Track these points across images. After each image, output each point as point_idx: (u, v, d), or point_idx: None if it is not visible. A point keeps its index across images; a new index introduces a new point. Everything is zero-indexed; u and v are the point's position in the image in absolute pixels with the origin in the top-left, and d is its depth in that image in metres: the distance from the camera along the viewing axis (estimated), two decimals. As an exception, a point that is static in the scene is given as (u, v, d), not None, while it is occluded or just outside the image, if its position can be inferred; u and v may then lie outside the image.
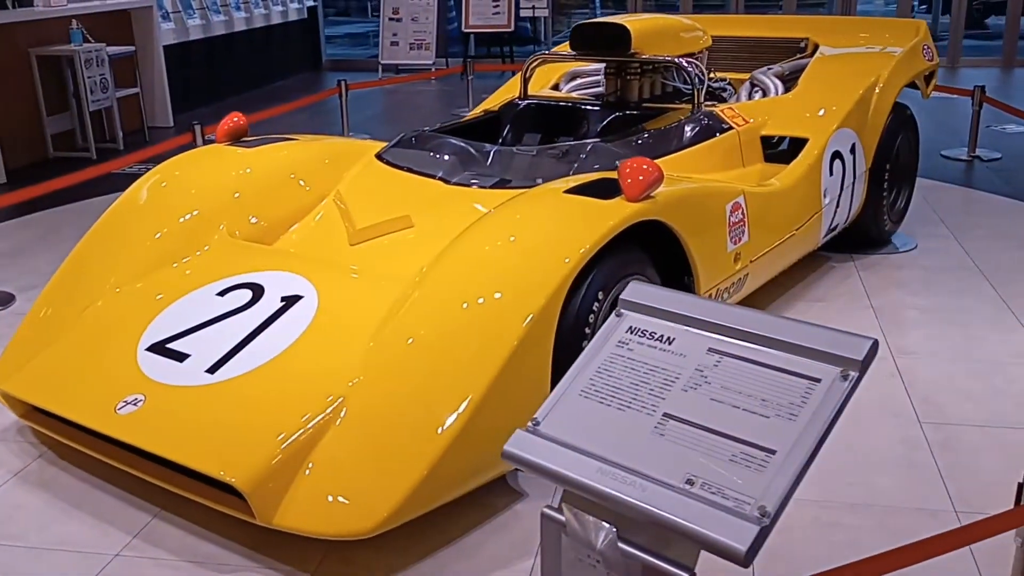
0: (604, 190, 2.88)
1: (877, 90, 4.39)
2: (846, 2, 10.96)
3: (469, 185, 3.44)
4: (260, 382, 2.58)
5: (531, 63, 4.53)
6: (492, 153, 3.61)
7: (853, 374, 1.69)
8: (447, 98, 10.08)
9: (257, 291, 2.95)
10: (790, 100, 4.36)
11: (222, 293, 2.98)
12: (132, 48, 8.01)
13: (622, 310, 2.00)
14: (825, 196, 4.04)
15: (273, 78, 11.44)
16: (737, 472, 1.63)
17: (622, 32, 4.10)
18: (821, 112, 4.20)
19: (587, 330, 2.66)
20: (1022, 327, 3.77)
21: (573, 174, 3.36)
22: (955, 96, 7.39)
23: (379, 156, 3.77)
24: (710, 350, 1.84)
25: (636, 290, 2.02)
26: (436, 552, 2.46)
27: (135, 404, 2.60)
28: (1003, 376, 3.38)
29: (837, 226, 4.25)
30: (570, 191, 2.92)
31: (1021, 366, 3.45)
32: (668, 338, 1.89)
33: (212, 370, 2.66)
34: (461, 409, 2.35)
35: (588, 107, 4.35)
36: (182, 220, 3.33)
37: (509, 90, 4.89)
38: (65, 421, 2.75)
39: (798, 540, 2.49)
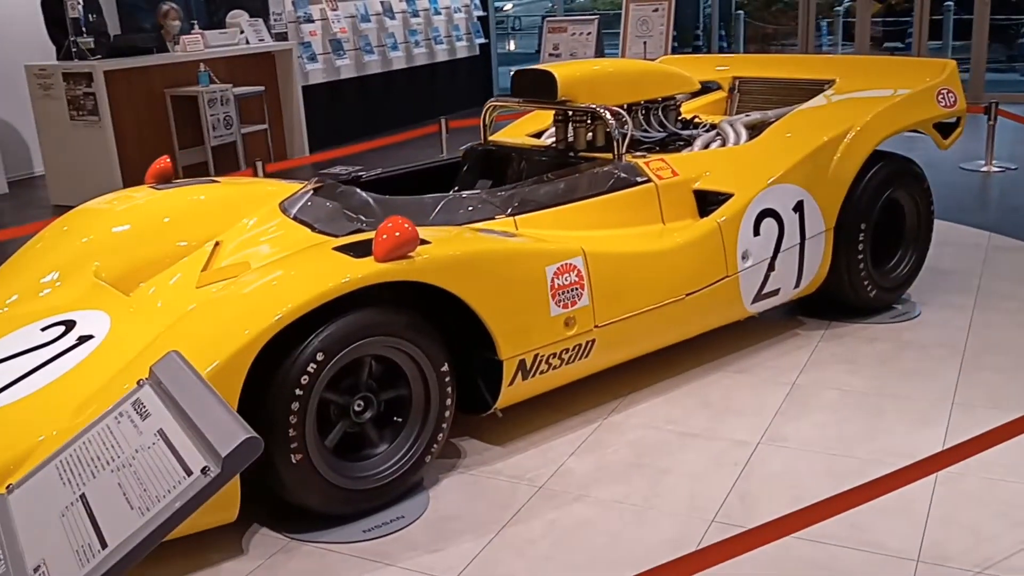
0: (368, 248, 2.81)
1: (846, 140, 3.91)
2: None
3: (327, 233, 3.44)
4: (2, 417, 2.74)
5: (487, 109, 4.45)
6: (376, 201, 3.58)
7: (214, 471, 1.56)
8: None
9: (69, 327, 3.12)
10: (736, 152, 4.00)
11: (45, 328, 3.18)
12: (261, 88, 8.64)
13: (143, 380, 1.96)
14: (745, 258, 3.65)
15: (436, 113, 11.85)
16: (71, 565, 1.56)
17: (548, 78, 3.96)
18: (760, 166, 3.82)
19: (297, 391, 2.60)
20: (943, 424, 3.21)
21: (440, 224, 3.32)
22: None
23: (281, 202, 3.85)
24: (158, 432, 1.76)
25: (168, 363, 1.97)
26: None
27: (-87, 424, 2.84)
28: (862, 477, 2.89)
29: (778, 290, 3.82)
30: (339, 247, 2.88)
31: (894, 467, 2.93)
32: (146, 415, 1.84)
33: (-14, 399, 2.85)
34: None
35: (532, 154, 4.21)
36: (71, 255, 3.58)
37: (521, 126, 4.83)
38: None
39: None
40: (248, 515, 2.82)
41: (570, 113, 4.11)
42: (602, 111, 3.86)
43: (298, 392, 2.60)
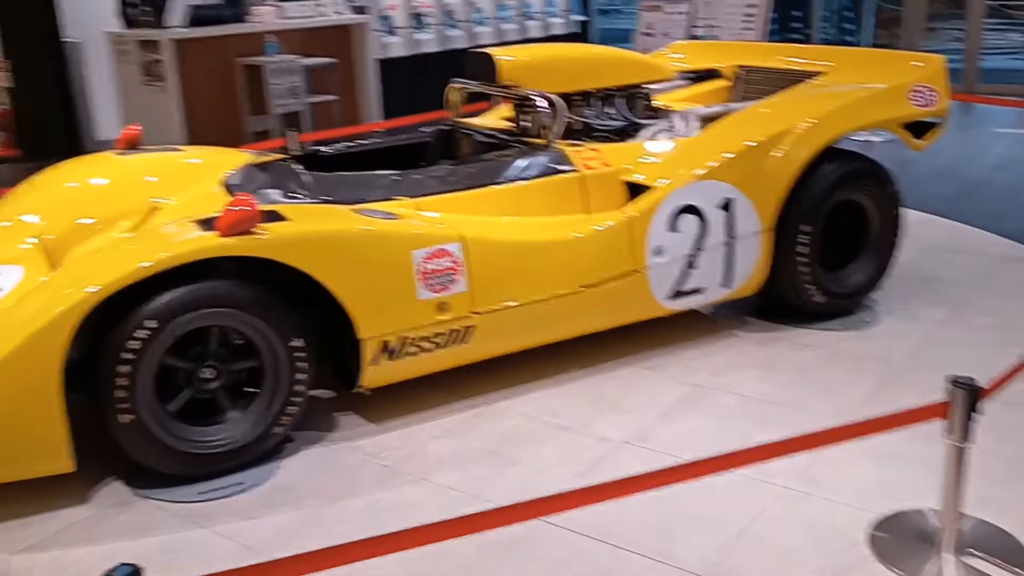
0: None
1: (790, 138, 3.74)
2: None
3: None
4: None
5: (448, 89, 4.46)
6: (308, 176, 3.66)
7: None
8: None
9: (-12, 282, 3.37)
10: (676, 145, 3.87)
11: (-27, 279, 3.44)
12: (332, 60, 8.88)
13: None
14: (659, 254, 3.56)
15: (525, 90, 11.87)
16: None
17: (489, 62, 3.95)
18: (690, 161, 3.70)
19: (125, 355, 2.73)
20: (817, 451, 3.03)
21: (352, 202, 3.39)
22: None
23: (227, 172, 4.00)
24: None
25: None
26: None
27: None
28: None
29: (701, 289, 3.70)
30: (199, 220, 2.99)
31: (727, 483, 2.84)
32: None
33: None
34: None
35: (481, 137, 4.21)
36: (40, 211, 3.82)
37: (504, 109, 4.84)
38: None
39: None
40: (113, 467, 3.00)
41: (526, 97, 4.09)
42: (534, 96, 3.83)
43: (127, 356, 2.74)
